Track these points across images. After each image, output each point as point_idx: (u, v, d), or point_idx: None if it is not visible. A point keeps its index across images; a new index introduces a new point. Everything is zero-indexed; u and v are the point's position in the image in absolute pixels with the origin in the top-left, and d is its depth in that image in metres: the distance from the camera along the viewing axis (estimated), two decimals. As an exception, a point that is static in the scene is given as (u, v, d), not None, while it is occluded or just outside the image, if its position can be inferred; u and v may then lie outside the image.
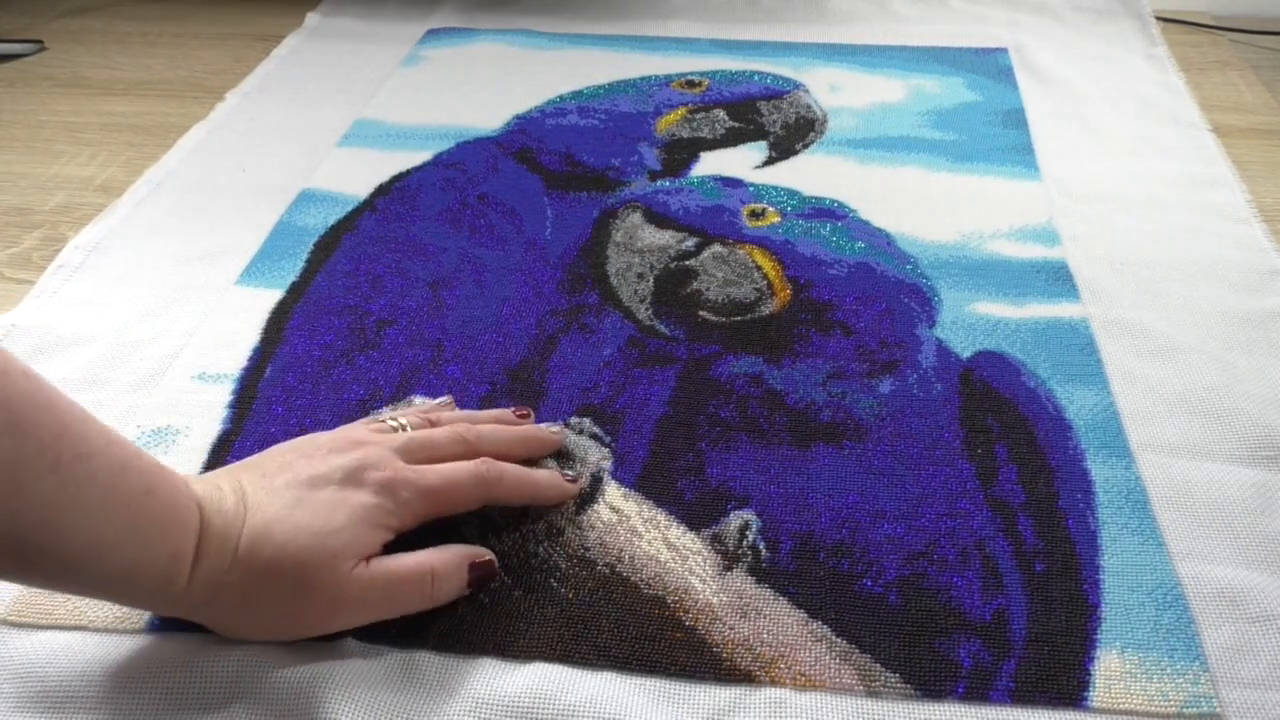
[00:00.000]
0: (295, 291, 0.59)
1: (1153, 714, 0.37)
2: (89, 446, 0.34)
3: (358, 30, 0.92)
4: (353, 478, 0.39)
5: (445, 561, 0.40)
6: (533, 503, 0.45)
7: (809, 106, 0.77)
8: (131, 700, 0.38)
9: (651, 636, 0.40)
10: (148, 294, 0.59)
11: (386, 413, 0.48)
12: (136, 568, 0.35)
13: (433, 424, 0.45)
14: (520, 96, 0.78)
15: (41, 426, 0.32)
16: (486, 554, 0.42)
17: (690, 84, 0.79)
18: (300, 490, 0.39)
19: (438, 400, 0.50)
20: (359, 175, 0.69)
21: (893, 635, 0.40)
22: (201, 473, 0.48)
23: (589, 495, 0.46)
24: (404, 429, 0.44)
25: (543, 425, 0.49)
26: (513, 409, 0.49)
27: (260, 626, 0.39)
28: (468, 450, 0.44)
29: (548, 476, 0.45)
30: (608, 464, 0.48)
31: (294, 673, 0.39)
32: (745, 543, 0.44)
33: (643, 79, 0.81)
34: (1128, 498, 0.46)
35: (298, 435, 0.49)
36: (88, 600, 0.42)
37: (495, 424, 0.47)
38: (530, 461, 0.46)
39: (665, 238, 0.62)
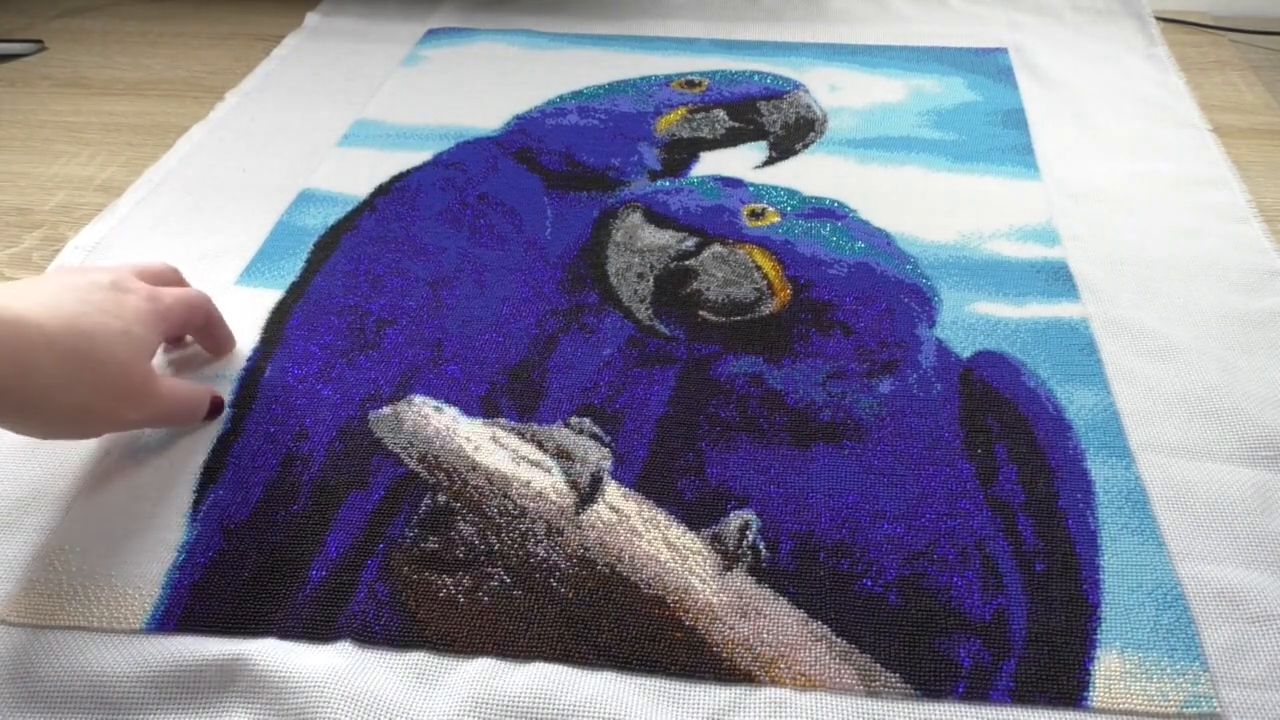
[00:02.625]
0: (295, 291, 0.59)
1: (1152, 714, 0.37)
2: None
3: (358, 30, 0.92)
4: (119, 285, 0.44)
5: (203, 393, 0.49)
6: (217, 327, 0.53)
7: (809, 106, 0.77)
8: (130, 700, 0.38)
9: (651, 636, 0.40)
10: (148, 294, 0.59)
11: None
12: None
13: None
14: (520, 96, 0.78)
15: None
16: (219, 395, 0.50)
17: (690, 84, 0.79)
18: (83, 292, 0.42)
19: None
20: (359, 175, 0.69)
21: (893, 635, 0.40)
22: (202, 472, 0.48)
23: (589, 495, 0.46)
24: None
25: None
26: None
27: (73, 411, 0.41)
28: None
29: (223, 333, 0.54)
30: (608, 464, 0.48)
31: (294, 673, 0.39)
32: (745, 543, 0.44)
33: (643, 79, 0.81)
34: (1128, 498, 0.46)
35: (297, 435, 0.49)
36: (87, 600, 0.42)
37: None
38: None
39: (665, 238, 0.62)
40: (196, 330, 0.52)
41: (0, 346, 0.37)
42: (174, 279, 0.52)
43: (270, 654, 0.40)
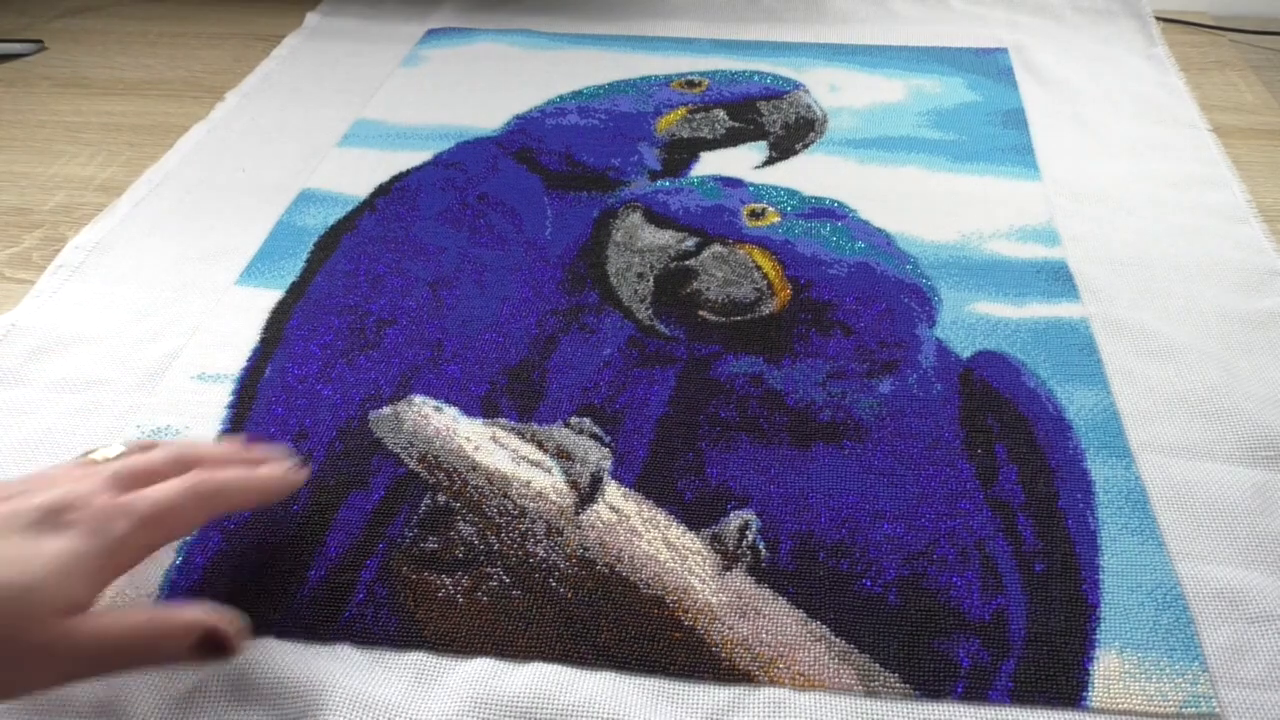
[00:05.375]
0: (295, 291, 0.59)
1: (1152, 714, 0.37)
2: None
3: (358, 30, 0.92)
4: (50, 519, 0.34)
5: (168, 624, 0.36)
6: (263, 503, 0.41)
7: (809, 106, 0.77)
8: (128, 701, 0.38)
9: (651, 636, 0.40)
10: (148, 294, 0.59)
11: (97, 452, 0.41)
12: None
13: (145, 447, 0.40)
14: (520, 96, 0.78)
15: None
16: (222, 623, 0.37)
17: (690, 84, 0.79)
18: None
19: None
20: (359, 175, 0.69)
21: (892, 635, 0.40)
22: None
23: (589, 495, 0.46)
24: (113, 460, 0.39)
25: (284, 465, 0.43)
26: (241, 439, 0.43)
27: None
28: (187, 469, 0.39)
29: (272, 473, 0.41)
30: (608, 464, 0.48)
31: (294, 673, 0.39)
32: (745, 542, 0.44)
33: (643, 79, 0.81)
34: (1127, 498, 0.46)
35: (297, 435, 0.49)
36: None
37: (215, 448, 0.42)
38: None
39: (665, 238, 0.62)
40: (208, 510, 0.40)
41: None
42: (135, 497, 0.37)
43: (269, 654, 0.40)
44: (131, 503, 0.36)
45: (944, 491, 0.46)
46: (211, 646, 0.36)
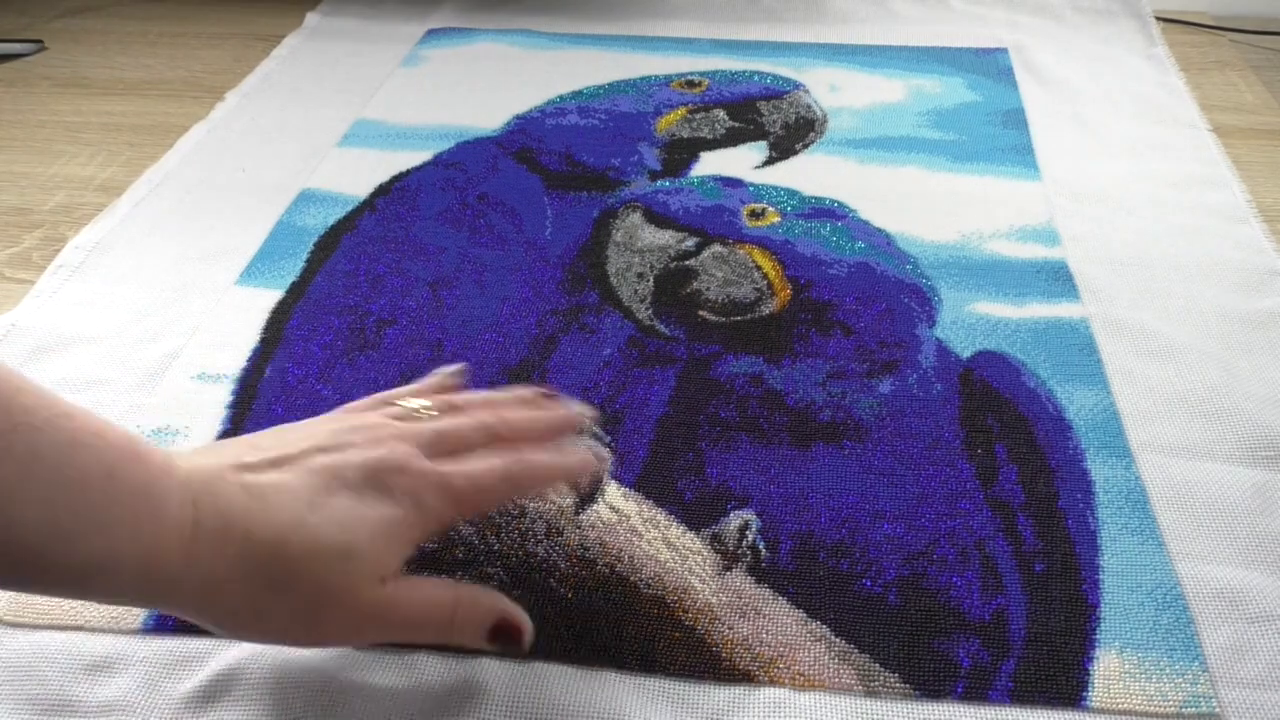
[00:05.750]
0: (295, 291, 0.59)
1: (1152, 714, 0.37)
2: (30, 418, 0.29)
3: (358, 30, 0.92)
4: (374, 480, 0.35)
5: (471, 606, 0.36)
6: (565, 482, 0.43)
7: (809, 106, 0.77)
8: (128, 701, 0.38)
9: (651, 636, 0.40)
10: (148, 294, 0.59)
11: (403, 392, 0.42)
12: (107, 562, 0.30)
13: (454, 407, 0.40)
14: (520, 96, 0.78)
15: None
16: (516, 614, 0.37)
17: (690, 84, 0.79)
18: (316, 491, 0.34)
19: (452, 369, 0.44)
20: (359, 175, 0.69)
21: (892, 635, 0.40)
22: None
23: (589, 495, 0.46)
24: (425, 415, 0.39)
25: (569, 405, 0.43)
26: (538, 391, 0.43)
27: (263, 635, 0.35)
28: (496, 444, 0.39)
29: (576, 460, 0.41)
30: (608, 464, 0.48)
31: (294, 672, 0.39)
32: (745, 542, 0.44)
33: (643, 79, 0.81)
34: (1128, 498, 0.46)
35: (297, 435, 0.49)
36: (85, 601, 0.42)
37: (519, 408, 0.42)
38: None
39: (665, 238, 0.62)
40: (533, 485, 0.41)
41: (189, 555, 0.31)
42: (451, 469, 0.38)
43: (269, 654, 0.39)
44: (449, 479, 0.36)
45: (944, 491, 0.46)
46: (505, 636, 0.36)
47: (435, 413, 0.39)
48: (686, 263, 0.60)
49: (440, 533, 0.37)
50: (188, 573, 0.32)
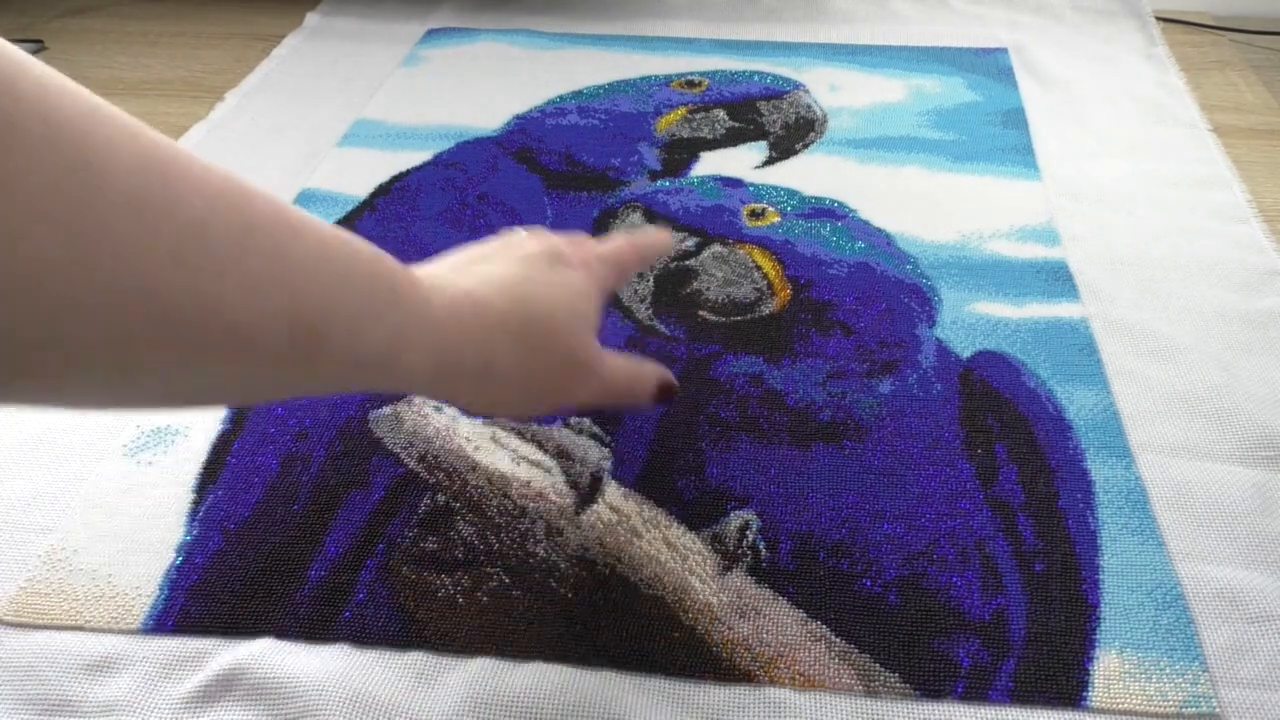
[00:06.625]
0: (295, 291, 0.59)
1: (1152, 714, 0.37)
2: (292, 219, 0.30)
3: (358, 30, 0.92)
4: (557, 260, 0.39)
5: (642, 372, 0.42)
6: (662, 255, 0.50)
7: (809, 106, 0.77)
8: (127, 701, 0.38)
9: (651, 636, 0.40)
10: (147, 294, 0.59)
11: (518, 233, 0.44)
12: (396, 343, 0.32)
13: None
14: (520, 96, 0.78)
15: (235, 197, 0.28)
16: (669, 377, 0.43)
17: (690, 84, 0.79)
18: (529, 270, 0.38)
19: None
20: (359, 175, 0.69)
21: (892, 635, 0.40)
22: (201, 473, 0.48)
23: (589, 495, 0.46)
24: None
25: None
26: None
27: (525, 398, 0.38)
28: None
29: (664, 237, 0.48)
30: (608, 464, 0.48)
31: (292, 673, 0.39)
32: (745, 542, 0.44)
33: (643, 79, 0.81)
34: (1128, 498, 0.46)
35: (297, 435, 0.49)
36: (85, 601, 0.42)
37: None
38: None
39: (665, 238, 0.62)
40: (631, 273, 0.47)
41: (465, 331, 0.34)
42: (588, 243, 0.45)
43: (269, 654, 0.40)
44: (599, 250, 0.42)
45: (944, 491, 0.46)
46: (664, 395, 0.43)
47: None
48: (686, 263, 0.60)
49: (609, 295, 0.43)
50: (466, 347, 0.34)
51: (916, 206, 0.66)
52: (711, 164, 0.71)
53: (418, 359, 0.32)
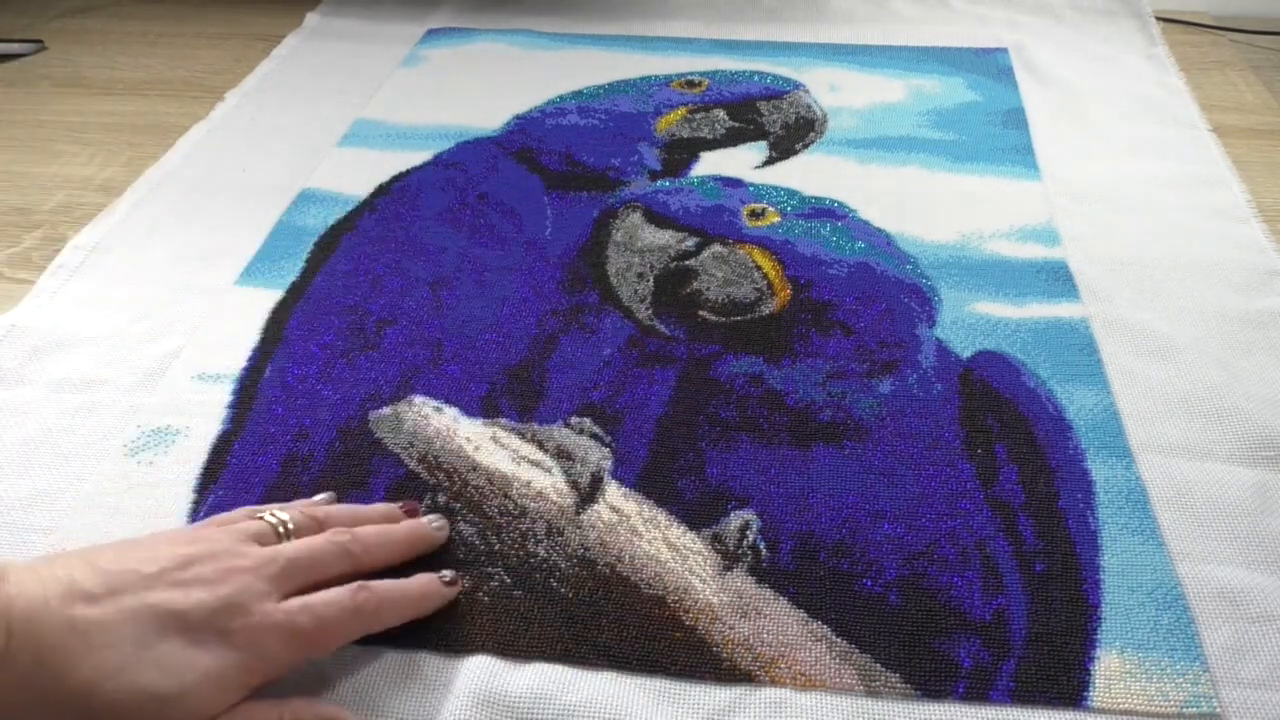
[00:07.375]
0: (295, 291, 0.59)
1: (1152, 714, 0.37)
2: None
3: (358, 30, 0.92)
4: (214, 623, 0.34)
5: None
6: (415, 618, 0.40)
7: (809, 106, 0.77)
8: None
9: (651, 636, 0.40)
10: (148, 294, 0.59)
11: (271, 507, 0.42)
12: None
13: (316, 520, 0.41)
14: (520, 96, 0.78)
15: None
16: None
17: (690, 84, 0.79)
18: (146, 633, 0.33)
19: (319, 497, 0.45)
20: (359, 175, 0.69)
21: (893, 635, 0.40)
22: (201, 473, 0.48)
23: (589, 495, 0.46)
24: (285, 531, 0.40)
25: (426, 520, 0.44)
26: (400, 505, 0.45)
27: None
28: (352, 566, 0.40)
29: (429, 589, 0.41)
30: (608, 464, 0.48)
31: (291, 674, 0.39)
32: (745, 542, 0.44)
33: (643, 79, 0.81)
34: (1128, 498, 0.46)
35: (297, 436, 0.49)
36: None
37: (381, 525, 0.43)
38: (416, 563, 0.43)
39: (665, 238, 0.62)
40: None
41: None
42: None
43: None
44: (294, 621, 0.36)
45: (944, 491, 0.46)
46: None
47: (293, 526, 0.40)
48: (686, 263, 0.60)
49: (282, 675, 0.36)
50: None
51: (916, 206, 0.66)
52: (711, 164, 0.71)
53: None
